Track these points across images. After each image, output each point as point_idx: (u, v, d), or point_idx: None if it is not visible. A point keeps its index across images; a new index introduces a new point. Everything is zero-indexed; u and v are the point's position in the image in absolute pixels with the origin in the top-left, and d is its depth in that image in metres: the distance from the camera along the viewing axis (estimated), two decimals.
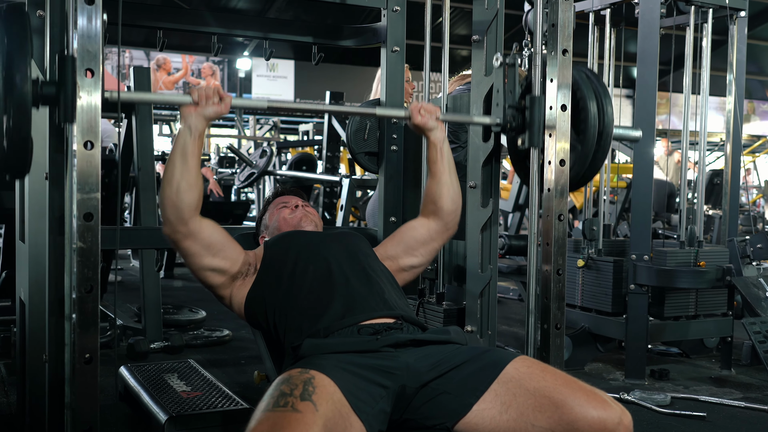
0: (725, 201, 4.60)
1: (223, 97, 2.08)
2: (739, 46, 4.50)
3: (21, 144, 1.77)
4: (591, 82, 2.38)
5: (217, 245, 2.16)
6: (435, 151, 2.36)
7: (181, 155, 2.04)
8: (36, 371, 2.26)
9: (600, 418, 1.74)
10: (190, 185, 2.05)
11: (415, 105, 2.33)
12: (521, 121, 2.39)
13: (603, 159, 2.44)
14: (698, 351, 4.63)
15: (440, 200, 2.38)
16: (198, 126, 2.06)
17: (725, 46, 4.58)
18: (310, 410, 1.62)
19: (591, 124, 2.35)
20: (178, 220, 2.06)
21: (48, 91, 1.79)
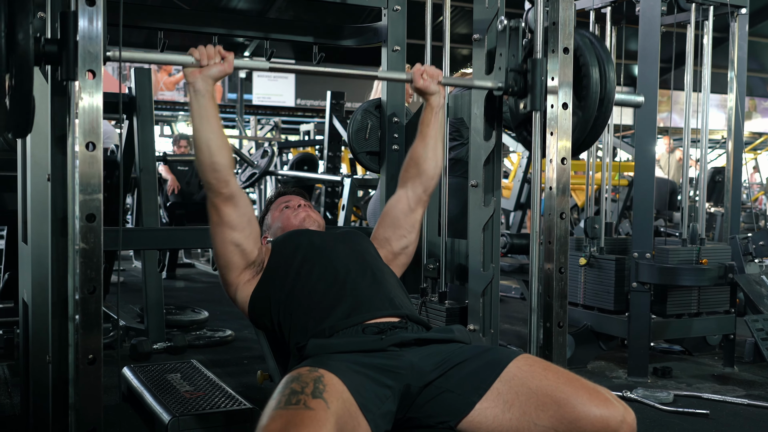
0: (727, 198, 4.60)
1: (225, 56, 2.09)
2: (740, 43, 4.50)
3: (24, 101, 1.78)
4: (594, 48, 2.37)
5: (248, 217, 2.20)
6: (431, 113, 2.37)
7: (201, 119, 2.06)
8: (39, 372, 2.26)
9: (603, 416, 1.74)
10: (219, 146, 2.08)
11: (418, 68, 2.34)
12: (523, 85, 2.39)
13: (603, 126, 2.44)
14: (701, 348, 4.63)
15: (425, 163, 2.39)
16: (206, 87, 2.07)
17: (726, 44, 4.58)
18: (323, 408, 1.62)
19: (593, 90, 2.35)
20: (219, 182, 2.09)
21: (50, 48, 1.79)
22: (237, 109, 17.55)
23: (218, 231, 2.19)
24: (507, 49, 2.46)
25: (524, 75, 2.38)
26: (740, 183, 4.73)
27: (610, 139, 4.94)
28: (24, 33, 1.73)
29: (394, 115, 2.99)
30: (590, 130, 2.41)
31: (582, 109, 2.37)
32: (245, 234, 2.20)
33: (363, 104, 3.12)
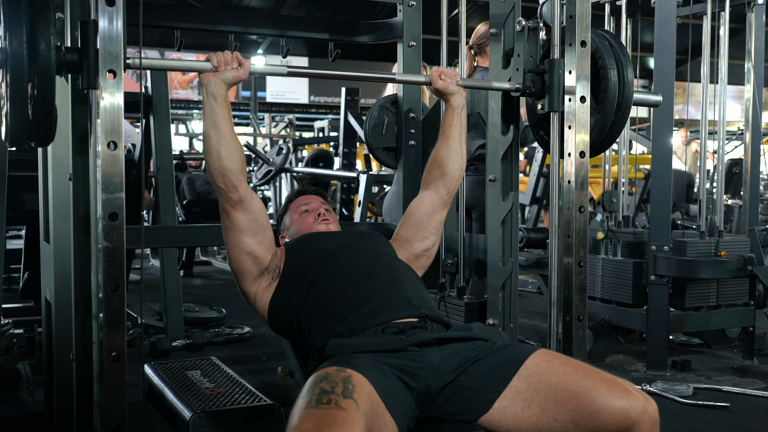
0: (745, 190, 4.58)
1: (242, 62, 2.10)
2: (757, 34, 4.48)
3: (46, 111, 1.80)
4: (613, 50, 2.36)
5: (260, 222, 2.20)
6: (453, 114, 2.39)
7: (212, 123, 2.08)
8: (63, 370, 2.29)
9: (623, 407, 1.73)
10: (229, 150, 2.09)
11: (436, 70, 2.36)
12: (540, 86, 2.39)
13: (621, 129, 2.43)
14: (720, 341, 4.61)
15: (448, 164, 2.40)
16: (220, 91, 2.08)
17: (743, 34, 4.55)
18: (353, 408, 1.62)
19: (611, 93, 2.34)
20: (228, 186, 2.11)
21: (71, 57, 1.81)
22: (251, 107, 17.57)
23: (230, 236, 2.20)
24: (524, 49, 2.45)
25: (542, 76, 2.38)
26: (758, 174, 4.71)
27: (626, 132, 4.93)
28: (45, 43, 1.74)
29: (411, 110, 2.99)
30: (608, 133, 2.41)
31: (600, 111, 2.36)
32: (257, 240, 2.21)
33: (379, 100, 3.12)
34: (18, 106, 1.76)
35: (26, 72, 1.73)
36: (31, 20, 1.74)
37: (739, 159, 7.50)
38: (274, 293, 2.22)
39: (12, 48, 1.72)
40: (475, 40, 3.93)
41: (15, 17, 1.73)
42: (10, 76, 1.74)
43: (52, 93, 1.79)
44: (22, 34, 1.73)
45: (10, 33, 1.73)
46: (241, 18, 3.06)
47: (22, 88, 1.74)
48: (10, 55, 1.73)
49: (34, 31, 1.73)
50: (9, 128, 1.82)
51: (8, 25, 1.73)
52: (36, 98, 1.76)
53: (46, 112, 1.80)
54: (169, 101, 4.58)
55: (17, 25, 1.73)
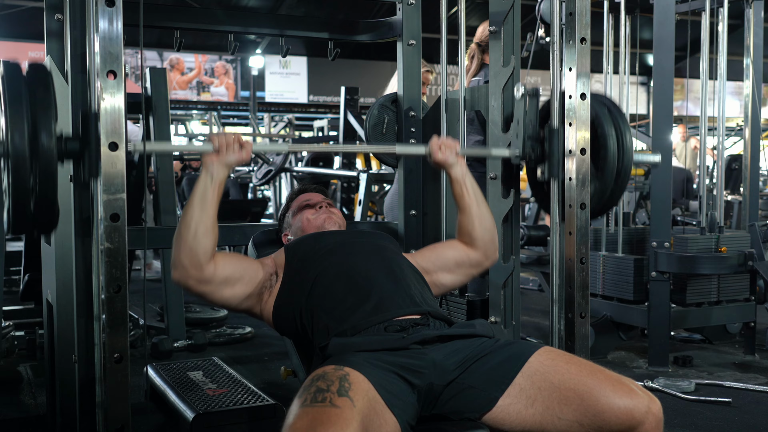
0: (745, 186, 4.58)
1: (244, 144, 2.09)
2: (755, 30, 4.48)
3: (48, 204, 1.79)
4: (612, 117, 2.36)
5: (233, 276, 2.13)
6: (459, 186, 2.35)
7: (200, 201, 2.04)
8: (65, 372, 2.28)
9: (627, 407, 1.73)
10: (207, 230, 2.03)
11: (435, 141, 2.34)
12: (540, 152, 2.40)
13: (620, 195, 2.45)
14: (721, 337, 4.61)
15: (474, 232, 2.36)
16: (219, 174, 2.07)
17: (741, 30, 4.55)
18: (348, 406, 1.62)
19: (610, 161, 2.34)
20: (192, 265, 2.03)
21: (72, 147, 1.80)
22: (250, 107, 17.60)
23: (209, 300, 2.15)
24: (524, 116, 2.45)
25: (542, 143, 2.39)
26: (758, 170, 4.71)
27: None
28: (47, 137, 1.73)
29: (411, 109, 2.99)
30: (607, 200, 2.43)
31: (599, 179, 2.37)
32: (237, 286, 2.15)
33: (379, 99, 3.12)
34: (20, 199, 1.75)
35: (29, 166, 1.72)
36: (33, 115, 1.72)
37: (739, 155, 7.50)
38: (278, 295, 2.21)
39: (14, 143, 1.71)
40: (481, 38, 3.92)
41: (17, 112, 1.72)
42: (11, 171, 1.73)
43: (54, 186, 1.77)
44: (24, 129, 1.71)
45: (11, 128, 1.71)
46: (240, 18, 3.06)
47: (24, 181, 1.73)
48: (12, 151, 1.71)
49: (35, 126, 1.72)
50: (11, 220, 1.80)
51: (10, 120, 1.72)
52: (38, 193, 1.75)
53: (49, 205, 1.79)
54: (169, 102, 4.58)
55: (19, 120, 1.72)
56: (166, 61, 17.73)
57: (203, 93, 18.86)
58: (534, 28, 3.72)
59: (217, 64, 18.85)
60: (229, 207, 7.74)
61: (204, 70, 18.80)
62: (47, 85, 1.78)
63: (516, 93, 2.47)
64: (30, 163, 1.72)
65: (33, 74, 1.79)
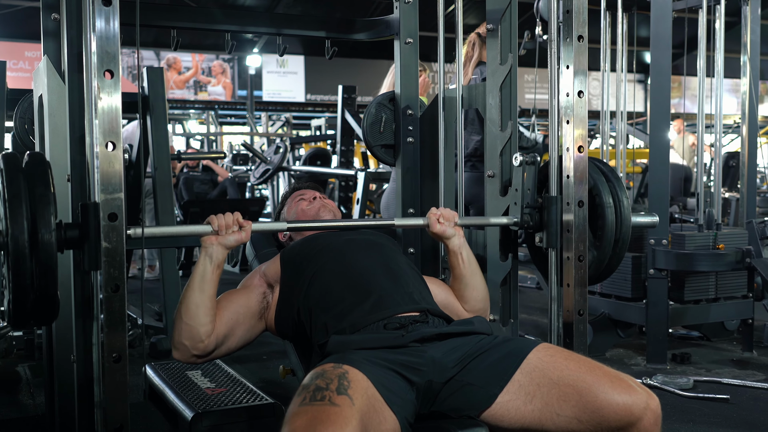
0: (742, 183, 4.58)
1: (243, 225, 2.08)
2: (752, 27, 4.48)
3: (48, 300, 1.76)
4: (610, 185, 2.37)
5: (231, 326, 2.14)
6: (455, 257, 2.35)
7: (199, 283, 2.04)
8: (64, 372, 2.28)
9: (626, 403, 1.74)
10: (207, 310, 2.05)
11: (434, 212, 2.33)
12: (539, 219, 2.40)
13: (618, 263, 2.44)
14: (719, 334, 4.61)
15: (465, 300, 2.37)
16: (218, 255, 2.06)
17: (738, 27, 4.56)
18: (347, 404, 1.62)
19: (608, 231, 2.35)
20: (193, 345, 2.05)
21: (71, 234, 1.79)
22: (248, 106, 17.59)
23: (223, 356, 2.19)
24: (522, 184, 2.46)
25: (540, 210, 2.40)
26: (755, 167, 4.71)
27: (623, 127, 4.93)
28: (47, 231, 1.71)
29: (409, 107, 2.98)
30: (605, 268, 2.43)
31: (598, 248, 2.38)
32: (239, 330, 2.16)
33: (377, 97, 3.11)
34: (20, 295, 1.73)
35: (28, 260, 1.70)
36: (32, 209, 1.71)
37: (736, 152, 7.52)
38: (277, 304, 2.22)
39: (13, 238, 1.69)
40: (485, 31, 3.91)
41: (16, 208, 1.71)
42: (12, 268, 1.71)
43: (55, 281, 1.75)
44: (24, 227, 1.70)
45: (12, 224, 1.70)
46: (238, 17, 3.06)
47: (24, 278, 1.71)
48: (12, 246, 1.69)
49: (35, 220, 1.71)
50: (12, 314, 1.79)
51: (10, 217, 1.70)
52: (38, 289, 1.73)
53: (49, 300, 1.77)
54: (166, 101, 4.57)
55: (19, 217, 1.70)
56: (163, 61, 17.71)
57: (200, 92, 18.85)
58: (531, 26, 3.72)
59: (214, 64, 18.83)
60: (227, 206, 7.73)
61: (201, 69, 18.79)
62: (46, 179, 1.76)
63: (514, 162, 2.48)
64: (30, 259, 1.70)
65: (32, 167, 1.77)
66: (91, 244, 1.77)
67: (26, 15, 14.96)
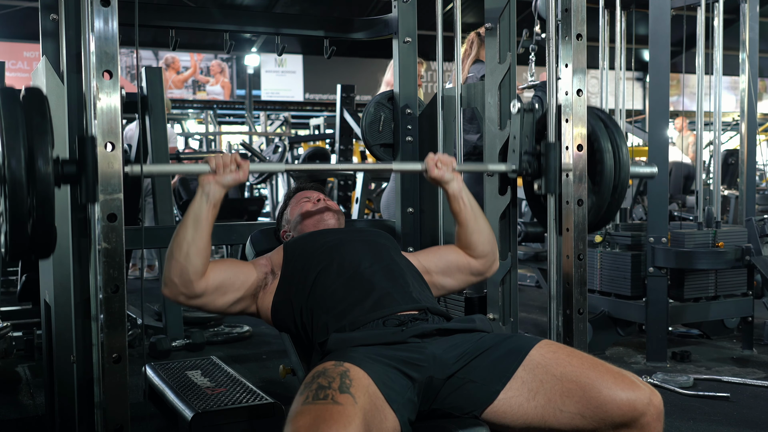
0: (742, 180, 4.58)
1: (241, 164, 2.08)
2: (751, 25, 4.48)
3: (46, 230, 1.77)
4: (608, 131, 2.36)
5: (225, 284, 2.13)
6: (456, 201, 2.34)
7: (194, 220, 2.03)
8: (64, 372, 2.28)
9: (629, 399, 1.74)
10: (199, 251, 2.03)
11: (431, 157, 2.33)
12: (537, 167, 2.40)
13: (617, 209, 2.45)
14: (719, 332, 4.61)
15: (472, 246, 2.37)
16: (215, 194, 2.05)
17: (737, 25, 4.56)
18: (350, 403, 1.62)
19: (607, 177, 2.35)
20: (182, 283, 2.03)
21: (69, 170, 1.79)
22: (246, 105, 17.56)
23: (203, 310, 2.16)
24: (520, 131, 2.45)
25: (538, 157, 2.39)
26: (754, 165, 4.71)
27: (622, 125, 4.93)
28: (44, 161, 1.71)
29: (407, 106, 2.99)
30: (604, 214, 2.43)
31: (596, 194, 2.38)
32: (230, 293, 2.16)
33: (376, 96, 3.12)
34: (17, 223, 1.74)
35: (25, 190, 1.71)
36: (29, 139, 1.71)
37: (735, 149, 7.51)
38: (276, 291, 2.22)
39: (10, 168, 1.70)
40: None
41: (14, 138, 1.71)
42: (8, 197, 1.72)
43: (52, 210, 1.76)
44: (21, 156, 1.70)
45: (8, 152, 1.70)
46: (236, 16, 3.06)
47: (21, 206, 1.72)
48: (9, 175, 1.70)
49: (32, 150, 1.71)
50: (9, 245, 1.79)
51: (6, 144, 1.71)
52: (35, 217, 1.74)
53: (46, 229, 1.77)
54: (164, 101, 4.57)
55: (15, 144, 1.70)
56: (161, 60, 17.70)
57: (199, 92, 18.83)
58: (529, 24, 3.72)
59: (213, 63, 18.81)
60: (226, 206, 7.72)
61: (200, 69, 18.77)
62: (43, 111, 1.76)
63: (512, 108, 2.48)
64: (27, 190, 1.70)
65: (29, 100, 1.78)
66: (88, 176, 1.76)
67: (25, 15, 14.94)
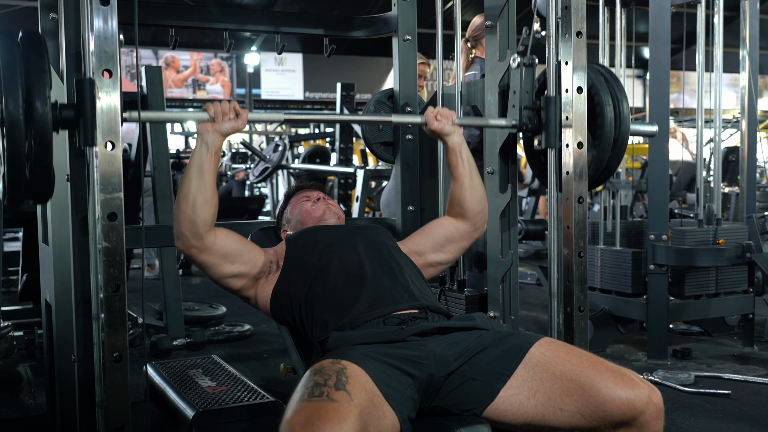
0: (742, 178, 4.58)
1: (239, 112, 2.08)
2: (751, 21, 4.47)
3: (44, 172, 1.77)
4: (609, 85, 2.36)
5: (234, 253, 2.15)
6: (454, 155, 2.35)
7: (197, 171, 2.03)
8: (65, 372, 2.28)
9: (628, 398, 1.74)
10: (205, 200, 2.04)
11: (431, 110, 2.33)
12: (537, 122, 2.39)
13: (618, 164, 2.44)
14: (720, 329, 4.61)
15: (465, 203, 2.38)
16: (215, 142, 2.06)
17: (737, 22, 4.55)
18: (346, 399, 1.62)
19: (607, 130, 2.34)
20: (192, 235, 2.05)
21: (67, 114, 1.79)
22: (246, 104, 17.57)
23: (206, 273, 2.17)
24: (520, 86, 2.44)
25: (538, 112, 2.38)
26: (755, 162, 4.71)
27: None
28: (42, 104, 1.71)
29: (407, 104, 2.98)
30: (604, 169, 2.42)
31: (597, 147, 2.37)
32: (237, 263, 2.17)
33: (376, 95, 3.12)
34: (15, 167, 1.74)
35: (23, 134, 1.71)
36: (27, 81, 1.71)
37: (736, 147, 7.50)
38: (276, 285, 2.22)
39: (8, 110, 1.70)
40: (471, 33, 3.93)
41: (11, 78, 1.71)
42: (6, 139, 1.72)
43: (50, 153, 1.76)
44: (19, 96, 1.70)
45: (6, 94, 1.71)
46: (235, 15, 3.04)
47: (19, 148, 1.72)
48: (7, 118, 1.70)
49: (30, 92, 1.71)
50: (7, 188, 1.79)
51: (4, 87, 1.71)
52: (33, 160, 1.74)
53: (44, 172, 1.78)
54: (165, 100, 4.57)
55: (13, 87, 1.70)
56: (161, 59, 17.71)
57: (199, 91, 18.84)
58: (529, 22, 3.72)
59: (213, 62, 18.82)
60: (227, 205, 7.73)
61: (199, 67, 18.78)
62: (41, 51, 1.77)
63: (512, 63, 2.47)
64: (25, 132, 1.71)
65: (27, 41, 1.78)
66: (86, 119, 1.76)
67: (24, 14, 14.94)
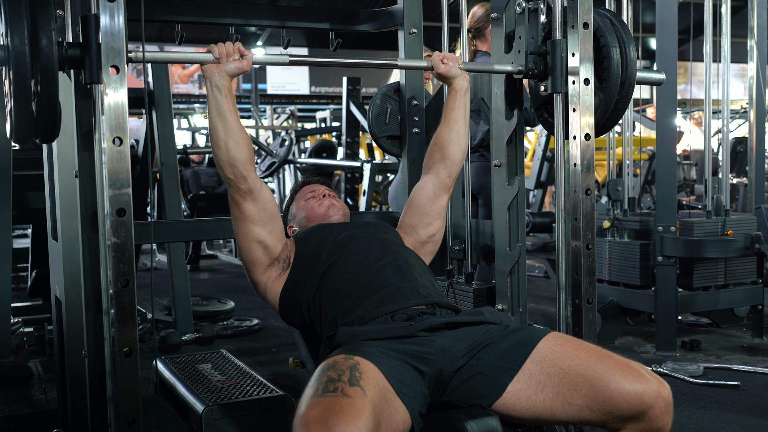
0: (751, 168, 4.56)
1: (244, 53, 2.09)
2: (759, 11, 4.46)
3: (50, 107, 1.79)
4: (615, 28, 2.34)
5: (270, 212, 2.20)
6: (456, 98, 2.38)
7: (218, 116, 2.07)
8: (75, 367, 2.29)
9: (637, 392, 1.73)
10: (237, 141, 2.08)
11: (437, 54, 2.35)
12: (543, 67, 2.38)
13: (625, 108, 2.41)
14: (729, 320, 4.61)
15: (449, 147, 2.40)
16: (224, 83, 2.08)
17: (744, 12, 4.53)
18: (360, 395, 1.62)
19: (614, 72, 2.32)
20: (237, 177, 2.10)
21: (73, 53, 1.80)
22: (252, 99, 17.54)
23: (240, 226, 2.20)
24: (526, 31, 2.44)
25: (544, 57, 2.37)
26: (763, 152, 4.69)
27: (629, 114, 4.91)
28: (47, 39, 1.73)
29: (414, 98, 2.98)
30: (612, 112, 2.40)
31: (603, 90, 2.35)
32: (267, 230, 2.21)
33: (382, 88, 3.11)
34: (22, 103, 1.76)
35: (29, 69, 1.74)
36: (33, 17, 1.73)
37: (744, 137, 7.48)
38: (285, 284, 2.23)
39: (14, 45, 1.72)
40: (473, 24, 3.90)
41: (16, 14, 1.73)
42: (13, 74, 1.75)
43: (56, 89, 1.78)
44: (24, 30, 1.73)
45: (11, 30, 1.73)
46: (241, 10, 3.04)
47: (26, 84, 1.74)
48: (13, 53, 1.73)
49: (35, 27, 1.73)
50: (14, 125, 1.83)
51: (10, 23, 1.73)
52: (39, 95, 1.76)
53: (50, 108, 1.80)
54: (171, 96, 4.57)
55: (18, 22, 1.73)
56: None
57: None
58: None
59: None
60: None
61: None
62: None
63: (517, 9, 2.47)
64: (30, 66, 1.73)
65: None
66: (91, 56, 1.77)
67: None
